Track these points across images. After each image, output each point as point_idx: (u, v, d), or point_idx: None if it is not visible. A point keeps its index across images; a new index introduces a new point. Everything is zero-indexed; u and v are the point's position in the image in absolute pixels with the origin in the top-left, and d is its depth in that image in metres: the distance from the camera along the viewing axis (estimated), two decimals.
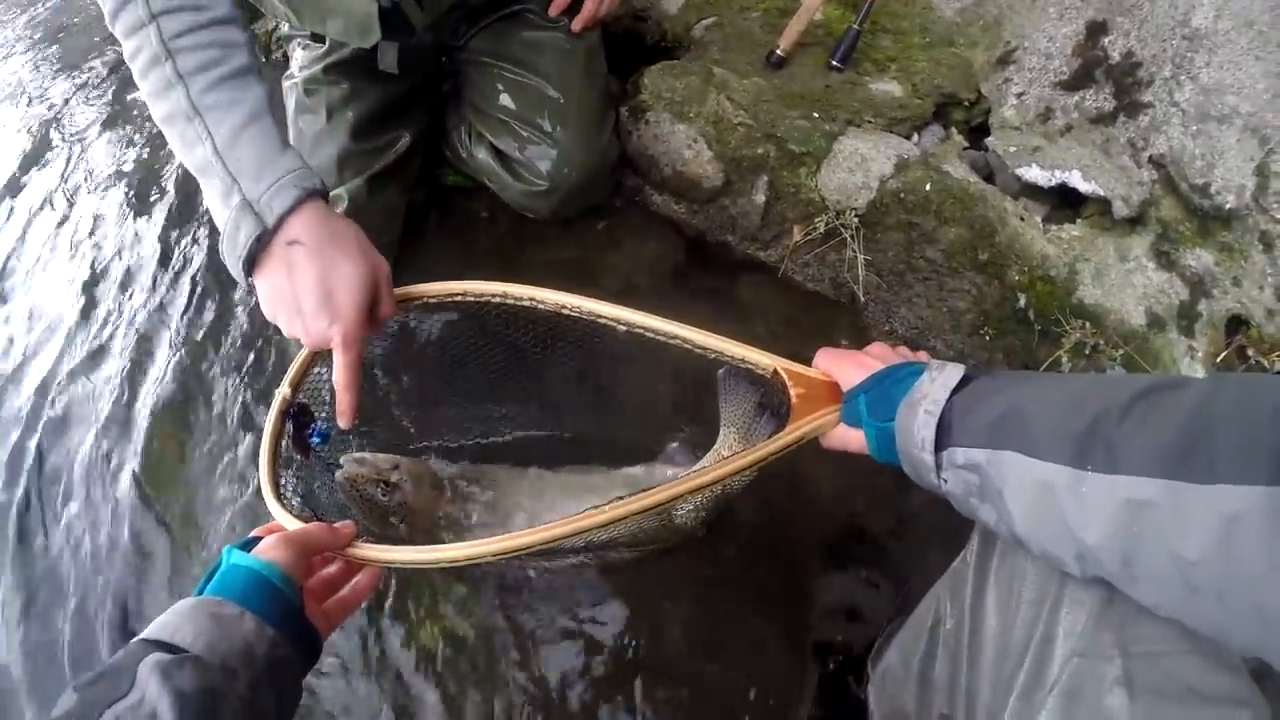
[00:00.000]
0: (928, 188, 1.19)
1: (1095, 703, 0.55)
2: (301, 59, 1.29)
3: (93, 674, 0.58)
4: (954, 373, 0.69)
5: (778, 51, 1.33)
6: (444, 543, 0.93)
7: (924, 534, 1.10)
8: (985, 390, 0.67)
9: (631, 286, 1.31)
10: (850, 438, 0.79)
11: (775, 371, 0.85)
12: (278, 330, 0.86)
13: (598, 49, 1.32)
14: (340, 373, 0.85)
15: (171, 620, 0.62)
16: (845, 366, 0.81)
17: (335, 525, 0.81)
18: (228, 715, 0.58)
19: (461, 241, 1.41)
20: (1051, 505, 0.56)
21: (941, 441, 0.66)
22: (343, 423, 0.88)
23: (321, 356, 0.95)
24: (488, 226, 1.40)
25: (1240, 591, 0.46)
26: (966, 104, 1.35)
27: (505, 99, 1.28)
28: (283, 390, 0.92)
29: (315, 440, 0.96)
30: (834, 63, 1.34)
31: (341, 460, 1.00)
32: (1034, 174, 1.24)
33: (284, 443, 0.93)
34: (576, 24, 1.26)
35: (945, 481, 0.67)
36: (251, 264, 0.82)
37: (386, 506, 0.98)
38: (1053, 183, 1.23)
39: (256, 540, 0.74)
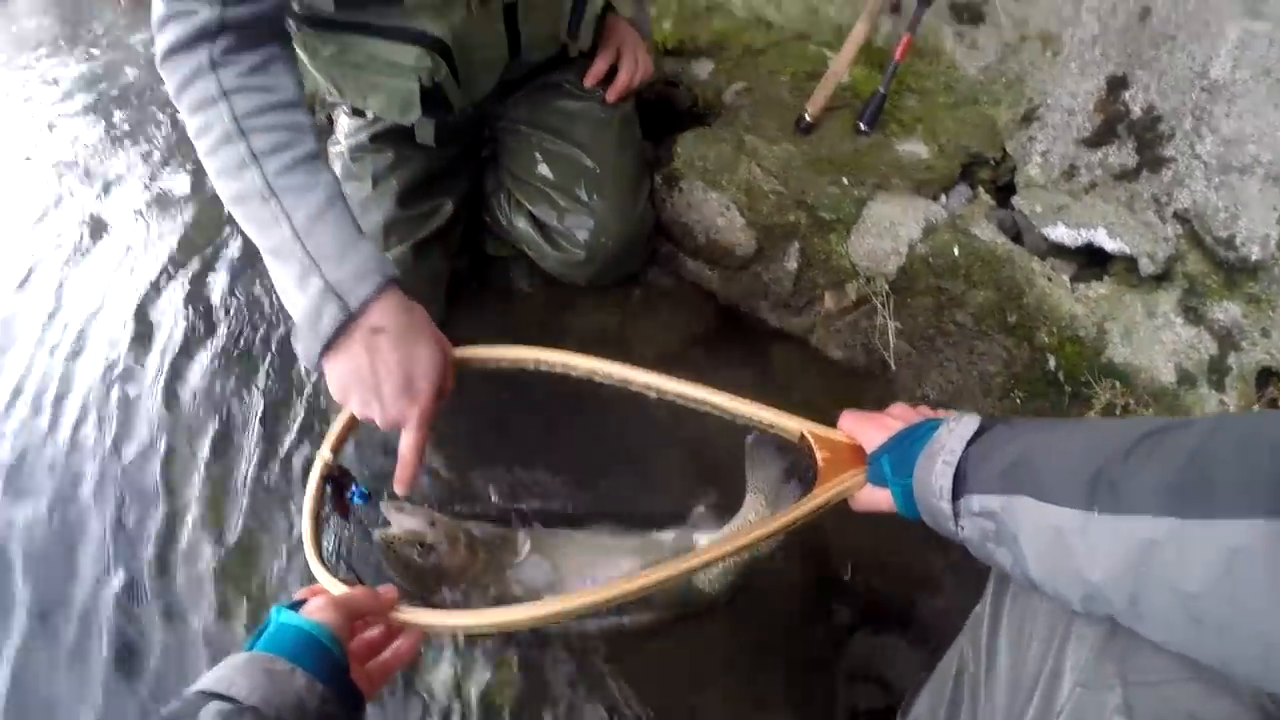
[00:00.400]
0: (955, 251, 1.23)
1: None
2: (347, 127, 1.34)
3: None
4: (970, 423, 0.72)
5: (806, 117, 1.37)
6: (476, 604, 0.98)
7: (954, 596, 1.12)
8: (999, 439, 0.69)
9: (665, 354, 1.35)
10: (878, 497, 0.82)
11: (802, 436, 0.88)
12: (315, 393, 0.91)
13: (632, 118, 1.37)
14: (409, 450, 0.89)
15: (226, 674, 0.64)
16: (868, 429, 0.84)
17: (378, 590, 0.83)
18: None
19: (498, 308, 1.46)
20: (1062, 548, 0.58)
21: (958, 490, 0.69)
22: (400, 490, 0.91)
23: (359, 422, 0.96)
24: (524, 294, 1.45)
25: (1243, 624, 0.48)
26: (992, 162, 1.39)
27: (542, 168, 1.33)
28: (323, 455, 0.94)
29: (357, 500, 0.98)
30: (861, 126, 1.38)
31: (381, 506, 1.04)
32: (1060, 233, 1.27)
33: (325, 506, 0.95)
34: (611, 94, 1.31)
35: (963, 529, 0.69)
36: (326, 349, 0.85)
37: (422, 567, 1.01)
38: (1079, 242, 1.26)
39: (302, 602, 0.76)
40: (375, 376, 0.85)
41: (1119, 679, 0.57)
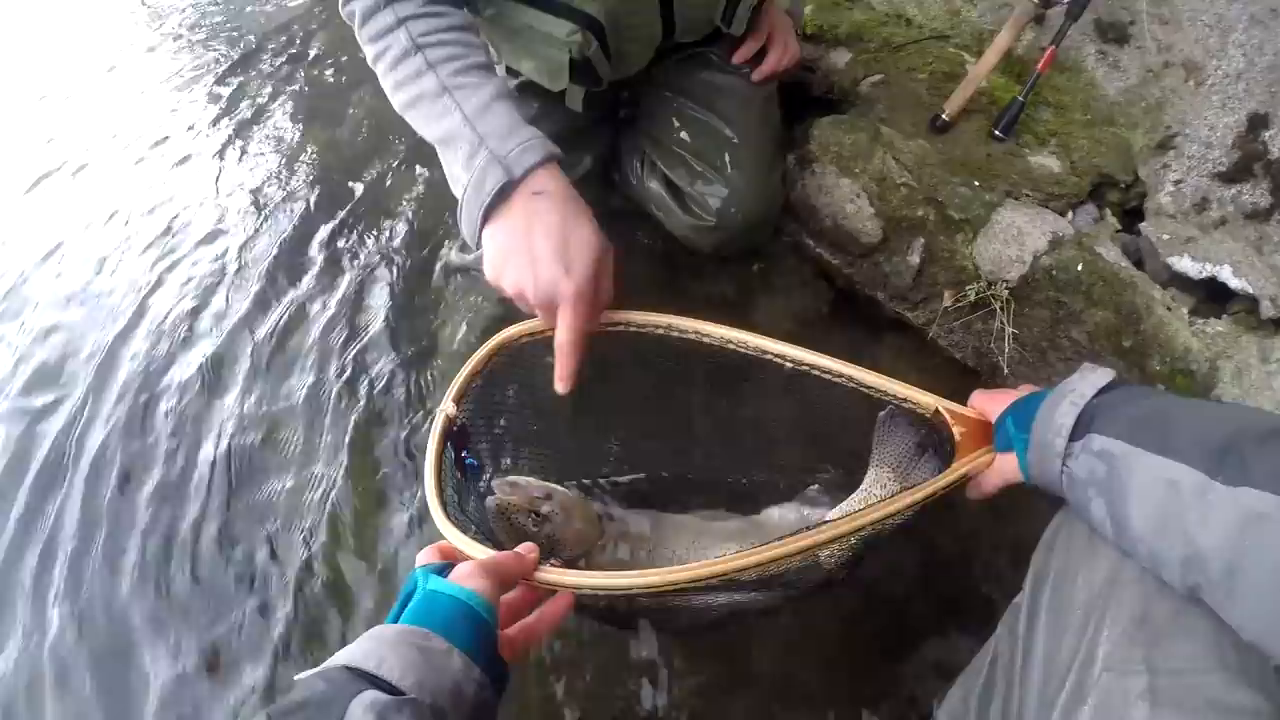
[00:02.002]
0: (1079, 268, 1.24)
1: (1121, 715, 0.58)
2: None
3: (289, 702, 0.52)
4: (1104, 374, 0.73)
5: (943, 116, 1.38)
6: None
7: None
8: (1134, 393, 0.71)
9: (779, 329, 1.36)
10: (1006, 467, 0.82)
11: (936, 411, 0.88)
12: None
13: (773, 98, 1.39)
14: (564, 332, 0.86)
15: (376, 649, 0.57)
16: (998, 402, 0.84)
17: (520, 551, 0.77)
18: None
19: (617, 268, 1.48)
20: (1175, 506, 0.59)
21: (1077, 434, 0.70)
22: (560, 388, 0.88)
23: (480, 373, 0.96)
24: (646, 254, 1.48)
25: None
26: (1123, 186, 1.39)
27: (683, 133, 1.36)
28: (445, 407, 0.91)
29: (469, 468, 0.96)
30: (996, 132, 1.38)
31: (494, 484, 0.97)
32: (1185, 264, 1.27)
33: (447, 462, 0.91)
34: (758, 75, 1.33)
35: (1069, 469, 0.70)
36: (488, 216, 0.87)
37: (535, 537, 0.93)
38: (1203, 275, 1.26)
39: (448, 566, 0.69)
40: (530, 237, 0.85)
41: (1145, 665, 0.59)
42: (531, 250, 0.85)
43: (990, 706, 0.81)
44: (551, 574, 0.78)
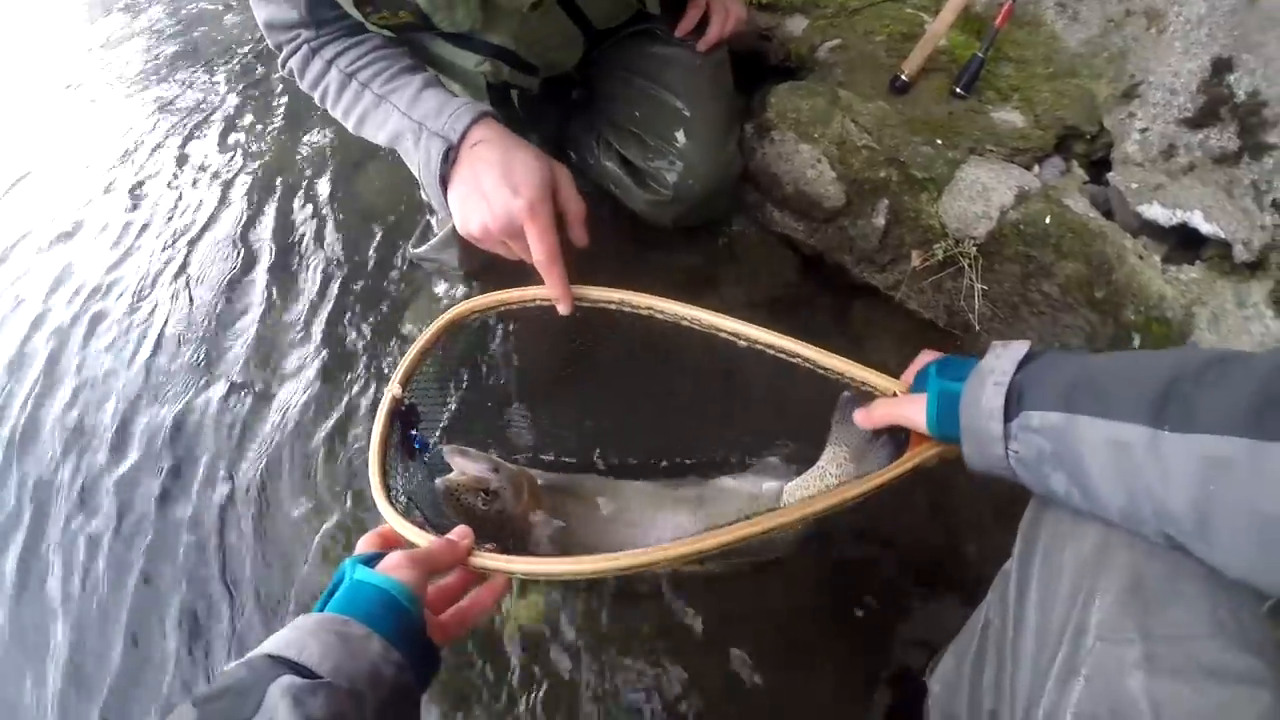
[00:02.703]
0: (1047, 220, 1.21)
1: (1116, 685, 0.56)
2: None
3: (213, 689, 0.55)
4: (1019, 347, 0.71)
5: (902, 76, 1.35)
6: (540, 553, 0.94)
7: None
8: (1054, 361, 0.68)
9: (747, 300, 1.35)
10: (909, 407, 0.81)
11: (895, 395, 0.87)
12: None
13: (724, 64, 1.36)
14: (537, 245, 0.91)
15: (296, 637, 0.59)
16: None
17: (453, 536, 0.79)
18: None
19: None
20: (1130, 466, 0.57)
21: (1010, 413, 0.68)
22: (563, 308, 0.96)
23: (430, 352, 0.98)
24: (610, 231, 1.45)
25: None
26: (1088, 137, 1.36)
27: (635, 110, 1.34)
28: (392, 389, 0.93)
29: (417, 447, 0.97)
30: (957, 90, 1.36)
31: (443, 450, 0.98)
32: (1155, 212, 1.25)
33: (392, 444, 0.92)
34: (702, 44, 1.30)
35: (1015, 452, 0.68)
36: (446, 184, 0.95)
37: (485, 515, 0.96)
38: (1174, 221, 1.24)
39: (378, 556, 0.72)
40: (478, 179, 0.92)
41: (1139, 633, 0.57)
42: (482, 189, 0.91)
43: (983, 675, 0.79)
44: (486, 559, 0.79)
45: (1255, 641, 0.55)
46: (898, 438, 0.89)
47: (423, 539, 0.79)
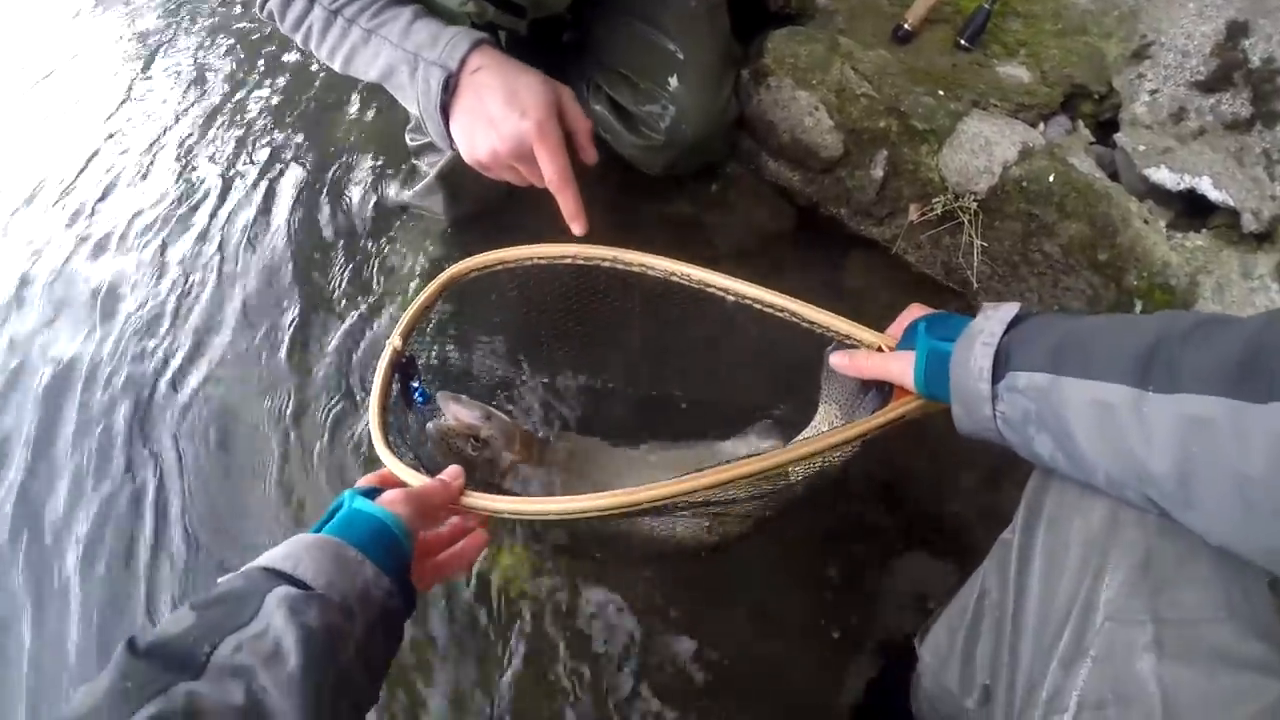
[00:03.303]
0: (1051, 179, 1.16)
1: (1126, 667, 0.55)
2: None
3: (211, 595, 0.57)
4: (1009, 308, 0.69)
5: (905, 26, 1.29)
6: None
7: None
8: (1043, 322, 0.67)
9: (740, 250, 1.30)
10: (895, 363, 0.79)
11: (879, 349, 0.85)
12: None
13: (721, 8, 1.29)
14: (549, 169, 0.89)
15: (294, 553, 0.61)
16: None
17: (445, 478, 0.80)
18: (345, 655, 0.57)
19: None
20: (1114, 427, 0.56)
21: (998, 374, 0.66)
22: (576, 229, 0.93)
23: (432, 308, 0.98)
24: (600, 179, 1.39)
25: None
26: (1097, 97, 1.31)
27: (626, 52, 1.27)
28: (393, 341, 0.94)
29: (416, 398, 0.98)
30: (962, 41, 1.30)
31: (438, 396, 1.00)
32: (1162, 176, 1.20)
33: (392, 395, 0.94)
34: None
35: (1002, 413, 0.66)
36: (447, 114, 0.91)
37: (474, 461, 0.98)
38: (1181, 186, 1.19)
39: (376, 491, 0.74)
40: (482, 105, 0.89)
41: (1150, 614, 0.56)
42: (487, 113, 0.89)
43: (977, 647, 0.77)
44: (477, 499, 0.80)
45: (1266, 627, 0.54)
46: (883, 391, 0.87)
47: (418, 478, 0.80)
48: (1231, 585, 0.56)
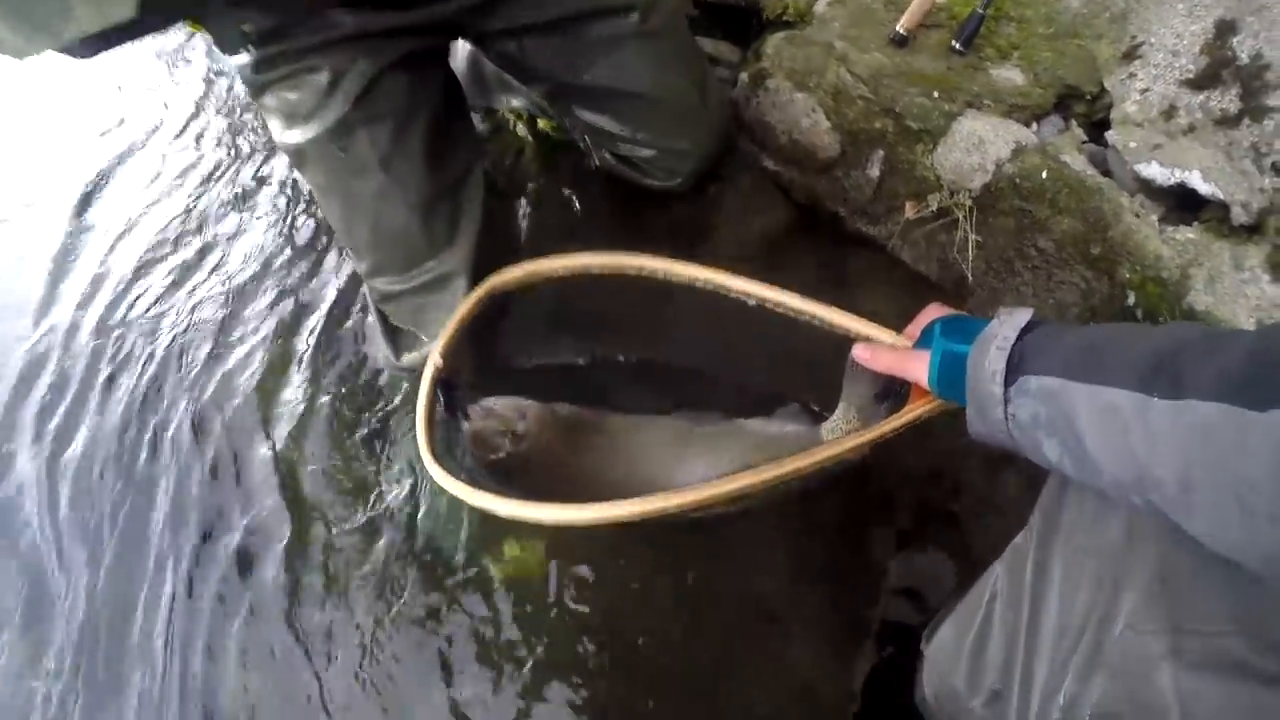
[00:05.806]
0: (1044, 175, 1.19)
1: (1143, 678, 0.56)
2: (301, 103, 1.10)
3: None
4: (1023, 314, 0.71)
5: (900, 30, 1.33)
6: (564, 490, 0.94)
7: (1011, 523, 1.11)
8: (1056, 330, 0.69)
9: (741, 251, 1.33)
10: (912, 360, 0.81)
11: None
12: None
13: (671, 27, 1.21)
14: None
15: None
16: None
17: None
18: None
19: (572, 197, 1.45)
20: (1119, 428, 0.57)
21: (1010, 378, 0.68)
22: None
23: (468, 324, 1.01)
24: (599, 185, 1.43)
25: None
26: (1089, 97, 1.34)
27: (599, 120, 1.25)
28: (434, 360, 0.98)
29: (460, 415, 1.01)
30: (956, 45, 1.33)
31: (469, 410, 1.02)
32: (1153, 171, 1.23)
33: (438, 413, 0.98)
34: None
35: (1013, 416, 0.68)
36: None
37: (512, 457, 1.01)
38: (1172, 181, 1.22)
39: None
40: None
41: (1168, 625, 0.56)
42: None
43: (985, 653, 0.78)
44: (514, 508, 0.83)
45: None
46: (900, 393, 0.90)
47: (474, 496, 0.84)
48: (1253, 598, 0.56)
